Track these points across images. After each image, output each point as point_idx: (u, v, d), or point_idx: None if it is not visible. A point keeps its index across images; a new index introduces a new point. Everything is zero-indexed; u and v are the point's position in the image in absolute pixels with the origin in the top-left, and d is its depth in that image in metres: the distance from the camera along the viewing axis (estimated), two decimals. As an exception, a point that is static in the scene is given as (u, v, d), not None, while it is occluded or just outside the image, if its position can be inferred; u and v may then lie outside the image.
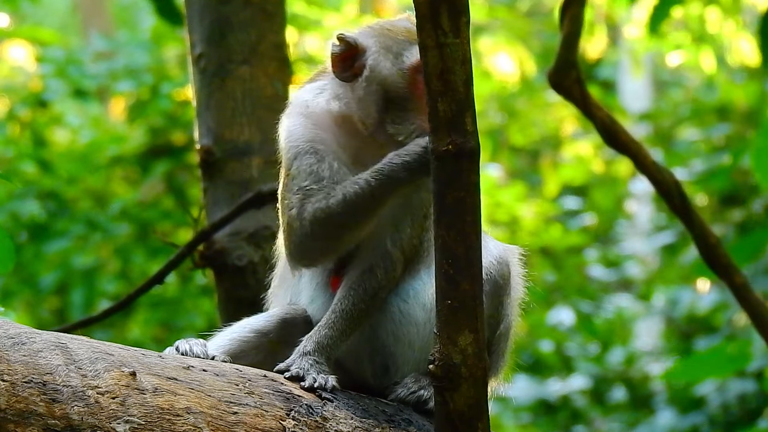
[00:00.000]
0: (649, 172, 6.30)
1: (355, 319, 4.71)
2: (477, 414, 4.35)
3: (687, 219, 6.32)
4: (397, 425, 4.55)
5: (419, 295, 4.76)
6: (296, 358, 4.62)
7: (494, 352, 4.89)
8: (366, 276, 4.75)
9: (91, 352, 4.23)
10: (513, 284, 4.91)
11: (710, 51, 15.66)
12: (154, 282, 6.19)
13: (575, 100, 6.29)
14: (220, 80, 6.26)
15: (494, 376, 4.97)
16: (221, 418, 4.28)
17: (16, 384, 4.07)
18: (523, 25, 18.06)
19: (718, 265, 6.36)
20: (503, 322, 4.89)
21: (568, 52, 6.28)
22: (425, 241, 4.80)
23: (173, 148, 13.01)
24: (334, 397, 4.51)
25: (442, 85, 4.20)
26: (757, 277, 12.72)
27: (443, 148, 4.22)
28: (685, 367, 8.64)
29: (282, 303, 5.00)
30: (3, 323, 4.21)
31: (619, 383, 14.72)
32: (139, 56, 13.33)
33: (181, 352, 4.65)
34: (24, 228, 12.82)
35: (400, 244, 4.76)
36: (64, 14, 24.41)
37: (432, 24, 4.17)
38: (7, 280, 12.70)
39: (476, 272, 4.29)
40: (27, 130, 13.36)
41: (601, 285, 16.51)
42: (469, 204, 4.26)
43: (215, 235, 6.15)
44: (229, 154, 6.23)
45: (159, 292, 12.07)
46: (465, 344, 4.30)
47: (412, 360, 4.76)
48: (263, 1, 6.29)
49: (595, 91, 16.47)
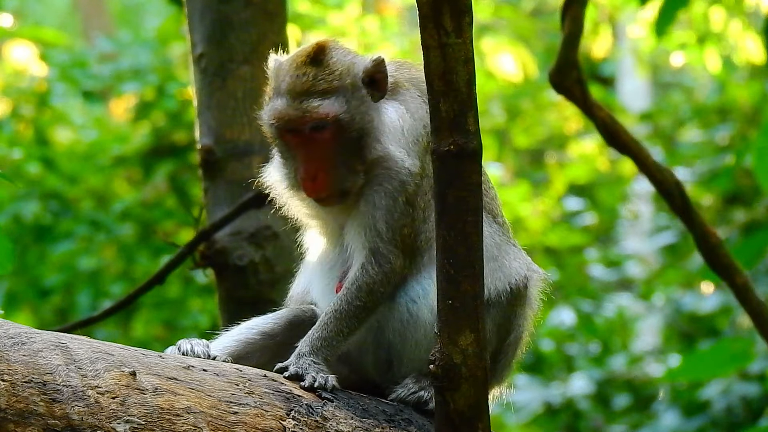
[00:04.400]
0: (650, 172, 6.30)
1: (353, 318, 4.70)
2: (477, 414, 4.35)
3: (688, 219, 6.32)
4: (397, 425, 4.55)
5: (429, 296, 4.74)
6: (293, 359, 4.62)
7: (501, 361, 4.90)
8: (358, 274, 4.74)
9: (91, 352, 4.22)
10: (529, 297, 4.91)
11: (715, 50, 15.63)
12: (155, 282, 6.18)
13: (576, 99, 6.29)
14: (221, 80, 6.26)
15: (498, 384, 4.97)
16: (221, 418, 4.28)
17: (16, 384, 4.07)
18: (527, 25, 18.04)
19: (719, 265, 6.35)
20: (514, 332, 4.89)
21: (569, 52, 6.28)
22: (424, 232, 4.79)
23: (176, 147, 13.01)
24: (334, 397, 4.51)
25: (444, 86, 4.20)
26: (759, 278, 12.70)
27: (445, 149, 4.21)
28: (687, 366, 8.62)
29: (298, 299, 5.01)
30: (3, 323, 4.21)
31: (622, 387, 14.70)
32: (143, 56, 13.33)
33: (182, 352, 4.65)
34: (28, 230, 12.82)
35: (384, 237, 4.74)
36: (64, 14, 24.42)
37: (434, 24, 4.16)
38: (12, 282, 12.71)
39: (477, 272, 4.28)
40: (30, 129, 13.36)
41: (602, 285, 16.50)
42: (471, 204, 4.26)
43: (216, 234, 6.15)
44: (230, 153, 6.24)
45: (162, 292, 12.07)
46: (465, 344, 4.29)
47: (416, 359, 4.75)
48: (264, 1, 6.28)
49: (597, 91, 16.46)
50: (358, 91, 4.76)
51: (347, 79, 4.74)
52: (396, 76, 4.87)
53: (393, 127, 4.78)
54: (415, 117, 4.81)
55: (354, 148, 4.74)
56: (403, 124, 4.78)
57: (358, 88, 4.76)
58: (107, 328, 12.53)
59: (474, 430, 4.35)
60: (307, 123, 4.72)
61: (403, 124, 4.78)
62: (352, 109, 4.73)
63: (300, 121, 4.72)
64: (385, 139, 4.76)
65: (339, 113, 4.71)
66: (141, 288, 6.26)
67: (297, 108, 4.72)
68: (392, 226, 4.73)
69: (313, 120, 4.71)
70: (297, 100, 4.72)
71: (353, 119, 4.73)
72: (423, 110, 4.78)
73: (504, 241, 4.90)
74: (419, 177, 4.75)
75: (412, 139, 4.78)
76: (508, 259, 4.85)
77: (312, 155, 4.75)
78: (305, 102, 4.71)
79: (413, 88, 4.87)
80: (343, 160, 4.74)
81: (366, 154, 4.75)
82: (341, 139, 4.73)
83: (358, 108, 4.75)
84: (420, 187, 4.75)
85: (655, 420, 13.91)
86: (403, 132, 4.77)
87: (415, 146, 4.77)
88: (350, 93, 4.74)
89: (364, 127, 4.74)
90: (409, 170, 4.73)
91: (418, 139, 4.78)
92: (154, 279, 6.20)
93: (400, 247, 4.74)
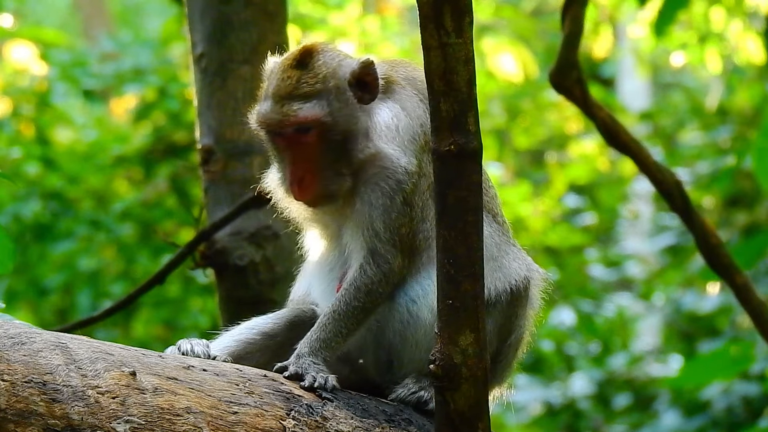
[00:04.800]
0: (650, 172, 6.30)
1: (352, 319, 4.69)
2: (477, 414, 4.35)
3: (688, 219, 6.32)
4: (397, 425, 4.55)
5: (429, 296, 4.74)
6: (293, 359, 4.61)
7: (501, 361, 4.90)
8: (356, 275, 4.74)
9: (91, 352, 4.22)
10: (531, 298, 4.91)
11: (715, 50, 15.61)
12: (155, 282, 6.18)
13: (576, 99, 6.29)
14: (221, 80, 6.26)
15: (499, 384, 4.97)
16: (221, 418, 4.28)
17: (16, 384, 4.06)
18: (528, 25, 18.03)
19: (720, 265, 6.35)
20: (515, 332, 4.89)
21: (569, 52, 6.28)
22: (422, 232, 4.79)
23: (177, 147, 13.01)
24: (334, 397, 4.51)
25: (445, 85, 4.19)
26: (760, 278, 12.70)
27: (445, 148, 4.21)
28: (689, 371, 8.61)
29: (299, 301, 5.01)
30: (3, 323, 4.21)
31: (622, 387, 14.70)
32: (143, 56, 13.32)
33: (183, 352, 4.65)
34: (28, 229, 12.81)
35: (382, 237, 4.73)
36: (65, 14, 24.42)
37: (435, 24, 4.16)
38: (12, 281, 12.71)
39: (477, 272, 4.28)
40: (31, 129, 13.36)
41: (601, 284, 16.50)
42: (471, 204, 4.26)
43: (216, 234, 6.15)
44: (230, 153, 6.24)
45: (162, 292, 12.07)
46: (465, 344, 4.29)
47: (417, 359, 4.75)
48: (264, 1, 6.29)
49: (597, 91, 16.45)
50: (343, 94, 4.76)
51: (331, 81, 4.75)
52: (391, 75, 4.87)
53: (386, 125, 4.78)
54: (411, 116, 4.81)
55: (340, 150, 4.75)
56: (398, 122, 4.79)
57: (342, 90, 4.76)
58: (108, 328, 12.53)
59: (474, 430, 4.35)
60: (288, 126, 4.74)
61: (398, 123, 4.78)
62: (335, 112, 4.74)
63: (282, 124, 4.74)
64: (377, 138, 4.76)
65: (320, 116, 4.72)
66: (141, 288, 6.26)
67: (278, 111, 4.74)
68: (390, 225, 4.72)
69: (294, 124, 4.73)
70: (279, 103, 4.75)
71: (336, 122, 4.74)
72: (420, 109, 4.78)
73: (504, 241, 4.90)
74: (416, 176, 4.74)
75: (407, 138, 4.77)
76: (508, 260, 4.85)
77: (298, 158, 4.77)
78: (286, 105, 4.73)
79: (409, 86, 4.87)
80: (330, 163, 4.75)
81: (354, 155, 4.75)
82: (326, 142, 4.74)
83: (341, 110, 4.75)
84: (417, 186, 4.75)
85: (656, 420, 13.91)
86: (398, 130, 4.77)
87: (411, 145, 4.76)
88: (333, 96, 4.75)
89: (350, 129, 4.75)
90: (405, 168, 4.73)
91: (415, 138, 4.78)
92: (154, 279, 6.20)
93: (398, 247, 4.73)
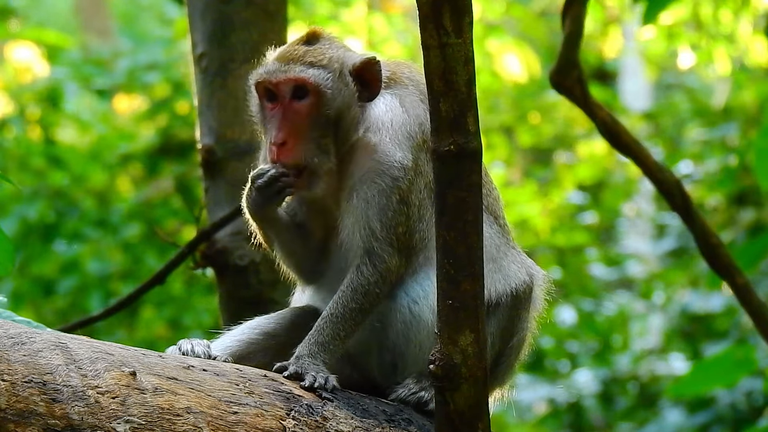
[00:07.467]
0: (651, 171, 6.30)
1: (350, 320, 4.69)
2: (477, 414, 4.34)
3: (688, 219, 6.31)
4: (397, 425, 4.55)
5: (430, 296, 4.73)
6: (293, 360, 4.61)
7: (503, 363, 4.90)
8: (353, 276, 4.74)
9: (92, 352, 4.23)
10: (533, 300, 4.91)
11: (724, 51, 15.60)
12: (155, 282, 6.19)
13: (576, 99, 6.29)
14: (222, 80, 6.27)
15: (500, 386, 4.97)
16: (221, 418, 4.28)
17: (17, 384, 4.07)
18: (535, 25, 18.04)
19: (720, 265, 6.34)
20: (517, 335, 4.89)
21: (569, 51, 6.28)
22: (419, 231, 4.78)
23: (184, 146, 13.03)
24: (335, 397, 4.51)
25: (444, 86, 4.19)
26: (761, 279, 12.68)
27: (445, 148, 4.21)
28: (694, 376, 8.58)
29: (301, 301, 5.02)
30: (3, 323, 4.21)
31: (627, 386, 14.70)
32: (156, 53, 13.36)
33: (183, 352, 4.65)
34: (32, 228, 12.83)
35: (378, 236, 4.73)
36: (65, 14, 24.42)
37: (434, 24, 4.16)
38: (18, 282, 12.72)
39: (477, 272, 4.28)
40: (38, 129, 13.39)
41: (603, 283, 16.51)
42: (471, 204, 4.25)
43: (217, 234, 6.15)
44: (231, 153, 6.24)
45: (165, 291, 12.08)
46: (465, 344, 4.29)
47: (420, 360, 4.74)
48: (265, 1, 6.30)
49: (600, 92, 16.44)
50: (344, 78, 4.78)
51: (335, 63, 4.78)
52: (395, 73, 4.88)
53: (380, 117, 4.79)
54: (409, 113, 4.81)
55: (330, 128, 4.75)
56: (393, 116, 4.79)
57: (344, 76, 4.78)
58: (110, 327, 12.54)
59: (474, 430, 4.35)
60: (289, 83, 4.73)
61: (392, 117, 4.79)
62: (334, 88, 4.75)
63: (283, 81, 4.74)
64: (369, 127, 4.77)
65: (321, 83, 4.73)
66: (141, 288, 6.26)
67: (282, 70, 4.76)
68: (386, 224, 4.72)
69: (295, 81, 4.73)
70: (284, 64, 4.77)
71: (334, 97, 4.75)
72: (420, 108, 4.78)
73: (504, 242, 4.90)
74: (412, 172, 4.74)
75: (403, 133, 4.77)
76: (508, 261, 4.85)
77: (287, 123, 4.74)
78: (291, 66, 4.76)
79: (412, 86, 4.87)
80: (317, 136, 4.75)
81: (342, 138, 4.76)
82: (319, 114, 4.74)
83: (341, 91, 4.76)
84: (414, 184, 4.74)
85: (660, 417, 13.91)
86: (391, 123, 4.78)
87: (407, 141, 4.76)
88: (336, 76, 4.77)
89: (345, 110, 4.76)
90: (400, 163, 4.72)
91: (411, 135, 4.77)
92: (154, 279, 6.20)
93: (395, 246, 4.72)
